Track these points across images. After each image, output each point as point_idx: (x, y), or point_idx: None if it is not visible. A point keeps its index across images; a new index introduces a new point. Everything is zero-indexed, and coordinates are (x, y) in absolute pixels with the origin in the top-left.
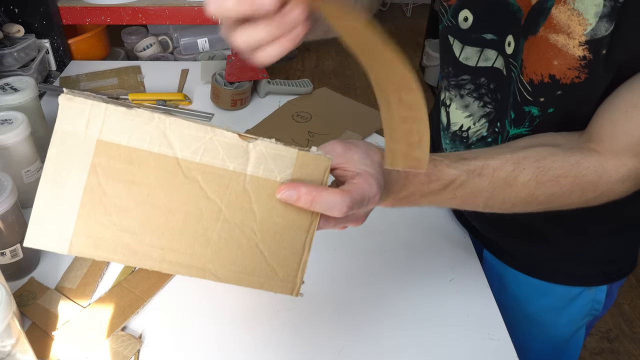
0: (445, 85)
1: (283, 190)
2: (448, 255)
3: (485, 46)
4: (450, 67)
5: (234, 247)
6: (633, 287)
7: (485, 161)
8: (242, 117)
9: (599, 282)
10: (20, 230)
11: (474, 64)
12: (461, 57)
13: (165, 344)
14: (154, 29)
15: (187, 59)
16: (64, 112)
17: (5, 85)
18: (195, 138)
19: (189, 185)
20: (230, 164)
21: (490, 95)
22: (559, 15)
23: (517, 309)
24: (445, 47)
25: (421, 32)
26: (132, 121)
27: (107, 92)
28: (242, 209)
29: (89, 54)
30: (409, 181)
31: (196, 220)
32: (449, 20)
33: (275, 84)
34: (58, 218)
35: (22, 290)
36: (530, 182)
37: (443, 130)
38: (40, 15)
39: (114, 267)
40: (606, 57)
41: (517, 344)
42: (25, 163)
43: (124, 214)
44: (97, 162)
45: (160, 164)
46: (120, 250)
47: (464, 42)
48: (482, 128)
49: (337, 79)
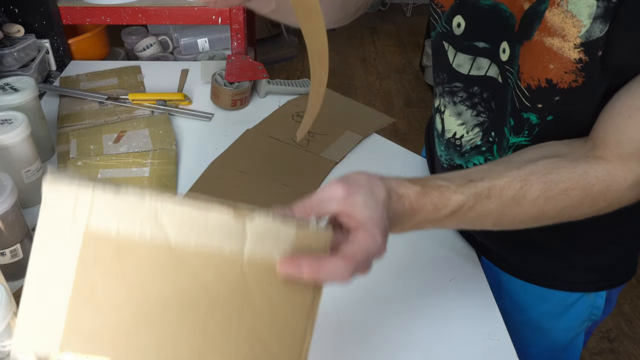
0: (440, 91)
1: (284, 266)
2: (448, 256)
3: (477, 54)
4: (445, 74)
5: (232, 337)
6: (633, 287)
7: (492, 181)
8: (242, 117)
9: (598, 288)
10: (20, 230)
11: (466, 72)
12: (454, 63)
13: None
14: (154, 29)
15: (187, 59)
16: (49, 198)
17: (5, 85)
18: (189, 219)
19: (184, 274)
20: (226, 246)
21: (483, 105)
22: (553, 18)
23: (515, 315)
24: (440, 53)
25: (421, 32)
26: (121, 205)
27: (107, 92)
28: (240, 294)
29: (89, 54)
30: (415, 212)
31: (193, 310)
32: (443, 27)
33: (275, 84)
34: (46, 319)
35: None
36: (539, 198)
37: (438, 137)
38: (40, 15)
39: None
40: (602, 58)
41: (516, 350)
42: (25, 163)
43: (116, 309)
44: (85, 254)
45: (152, 252)
46: (114, 348)
47: (457, 48)
48: (476, 137)
49: (337, 79)
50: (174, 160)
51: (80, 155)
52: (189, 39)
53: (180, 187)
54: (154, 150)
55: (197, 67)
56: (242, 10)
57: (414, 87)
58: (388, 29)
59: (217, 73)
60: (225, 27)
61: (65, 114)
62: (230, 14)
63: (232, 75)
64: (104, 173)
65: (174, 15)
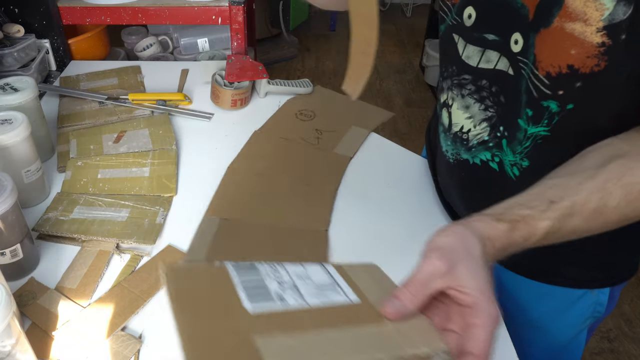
0: (449, 85)
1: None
2: None
3: (486, 47)
4: (454, 66)
5: None
6: (633, 287)
7: (572, 198)
8: (242, 117)
9: (602, 285)
10: (20, 230)
11: (475, 64)
12: (463, 55)
13: (165, 344)
14: (154, 29)
15: (187, 59)
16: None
17: (5, 85)
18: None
19: None
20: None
21: (491, 99)
22: (575, 3)
23: (517, 314)
24: (449, 46)
25: (421, 32)
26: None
27: (107, 92)
28: None
29: (89, 54)
30: (506, 248)
31: None
32: (454, 19)
33: (275, 84)
34: None
35: (22, 290)
36: (620, 204)
37: (444, 132)
38: (40, 15)
39: (114, 267)
40: (626, 42)
41: (516, 350)
42: (25, 163)
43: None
44: None
45: None
46: None
47: (466, 40)
48: (483, 132)
49: (337, 79)
50: (174, 160)
51: (80, 155)
52: (189, 39)
53: (181, 187)
54: (154, 150)
55: (197, 67)
56: (242, 10)
57: (414, 87)
58: (388, 29)
59: (217, 73)
60: (225, 27)
61: (65, 114)
62: (230, 14)
63: (232, 75)
64: (104, 173)
65: (174, 15)
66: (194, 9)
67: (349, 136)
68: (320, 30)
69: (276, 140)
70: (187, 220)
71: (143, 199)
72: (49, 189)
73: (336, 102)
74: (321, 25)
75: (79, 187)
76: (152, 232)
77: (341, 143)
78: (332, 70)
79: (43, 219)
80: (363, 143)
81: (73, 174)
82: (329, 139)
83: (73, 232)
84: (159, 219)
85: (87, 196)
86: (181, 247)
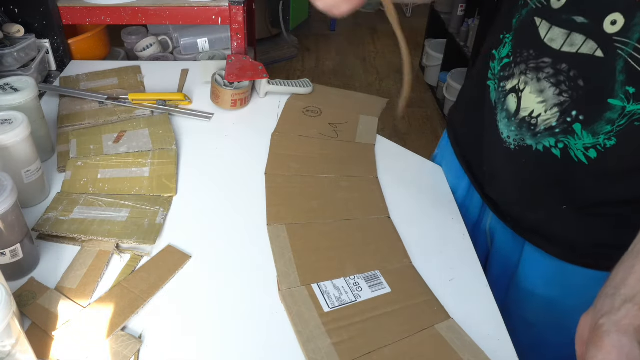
0: (522, 69)
1: None
2: (448, 256)
3: (573, 30)
4: (532, 50)
5: None
6: None
7: None
8: (242, 117)
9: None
10: (20, 230)
11: (558, 47)
12: (546, 38)
13: (165, 344)
14: (154, 29)
15: (187, 59)
16: None
17: (5, 85)
18: None
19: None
20: None
21: (568, 83)
22: None
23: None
24: (528, 31)
25: (421, 32)
26: None
27: (107, 92)
28: None
29: (89, 54)
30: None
31: None
32: (539, 2)
33: (275, 84)
34: None
35: (22, 290)
36: None
37: (508, 118)
38: (40, 15)
39: (114, 267)
40: None
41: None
42: (25, 163)
43: None
44: None
45: None
46: None
47: (552, 22)
48: (552, 117)
49: (337, 79)
50: (174, 160)
51: (80, 155)
52: (189, 39)
53: (181, 187)
54: (154, 150)
55: (197, 67)
56: (242, 10)
57: (414, 87)
58: (388, 29)
59: (217, 73)
60: (225, 27)
61: (65, 114)
62: (230, 14)
63: (232, 75)
64: (104, 173)
65: (174, 15)
66: (194, 9)
67: (362, 125)
68: (320, 30)
69: (297, 139)
70: (187, 220)
71: (143, 199)
72: (49, 189)
73: (333, 96)
74: (321, 25)
75: (79, 187)
76: (152, 232)
77: (359, 132)
78: (332, 70)
79: (43, 219)
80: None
81: (73, 174)
82: (346, 130)
83: (73, 232)
84: (159, 219)
85: (87, 196)
86: (181, 247)
